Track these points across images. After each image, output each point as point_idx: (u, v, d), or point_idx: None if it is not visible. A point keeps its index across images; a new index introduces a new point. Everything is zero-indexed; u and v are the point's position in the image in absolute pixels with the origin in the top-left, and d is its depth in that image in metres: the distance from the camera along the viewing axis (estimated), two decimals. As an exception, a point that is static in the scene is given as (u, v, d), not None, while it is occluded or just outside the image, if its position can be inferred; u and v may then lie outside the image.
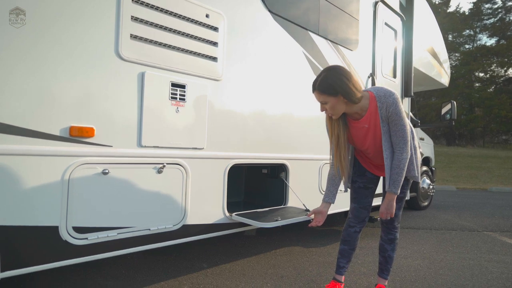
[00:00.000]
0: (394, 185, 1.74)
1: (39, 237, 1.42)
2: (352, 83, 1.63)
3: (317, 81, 1.66)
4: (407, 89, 3.94)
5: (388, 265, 2.02)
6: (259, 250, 2.96)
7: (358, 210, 1.99)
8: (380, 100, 1.68)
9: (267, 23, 2.39)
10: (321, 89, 1.64)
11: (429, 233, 3.83)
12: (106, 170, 1.59)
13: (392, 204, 1.78)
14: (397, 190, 1.75)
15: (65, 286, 2.10)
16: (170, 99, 1.83)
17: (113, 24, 1.63)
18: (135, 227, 1.71)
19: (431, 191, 5.46)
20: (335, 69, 1.67)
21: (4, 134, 1.33)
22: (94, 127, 1.56)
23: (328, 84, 1.62)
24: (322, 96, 1.66)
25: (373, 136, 1.77)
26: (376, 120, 1.72)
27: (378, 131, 1.74)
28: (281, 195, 2.56)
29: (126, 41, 1.66)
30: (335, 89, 1.62)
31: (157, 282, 2.20)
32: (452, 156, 15.80)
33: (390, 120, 1.69)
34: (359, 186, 2.00)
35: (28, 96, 1.39)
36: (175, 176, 1.86)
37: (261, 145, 2.37)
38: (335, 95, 1.63)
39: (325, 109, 1.71)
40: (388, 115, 1.68)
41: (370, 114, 1.72)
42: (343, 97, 1.63)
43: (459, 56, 25.89)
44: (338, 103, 1.65)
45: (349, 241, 2.01)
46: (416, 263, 2.75)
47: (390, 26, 3.70)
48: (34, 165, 1.40)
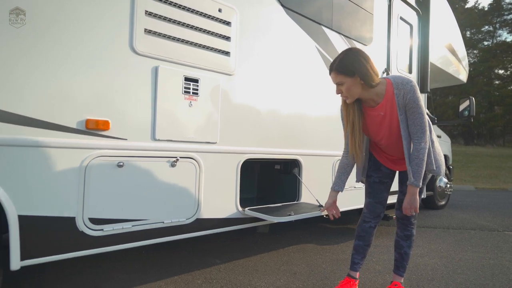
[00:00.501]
0: (415, 177, 1.68)
1: (57, 228, 1.46)
2: (369, 65, 1.61)
3: (335, 61, 1.65)
4: (423, 85, 3.85)
5: (404, 262, 1.96)
6: (271, 247, 2.95)
7: (373, 205, 1.96)
8: (398, 87, 1.64)
9: (280, 18, 2.38)
10: (339, 69, 1.62)
11: (446, 232, 3.73)
12: (121, 163, 1.62)
13: (416, 198, 1.72)
14: (419, 182, 1.68)
15: (79, 278, 2.14)
16: (184, 93, 1.84)
17: (128, 19, 1.65)
18: (149, 220, 1.73)
19: (448, 190, 5.32)
20: (353, 50, 1.67)
21: (24, 127, 1.37)
22: (110, 120, 1.59)
23: (345, 64, 1.61)
24: (339, 77, 1.63)
25: (389, 125, 1.73)
26: (392, 108, 1.68)
27: (394, 119, 1.70)
28: (294, 191, 2.54)
29: (140, 35, 1.68)
30: (352, 69, 1.60)
31: (170, 276, 2.21)
32: (471, 156, 15.36)
33: (407, 108, 1.65)
34: (374, 181, 1.96)
35: (47, 90, 1.42)
36: (188, 170, 1.88)
37: (274, 140, 2.35)
38: (352, 76, 1.61)
39: (340, 91, 1.68)
40: (405, 103, 1.64)
41: (387, 101, 1.68)
42: (360, 78, 1.60)
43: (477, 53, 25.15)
44: (354, 84, 1.63)
45: (364, 236, 1.98)
46: (433, 261, 2.68)
47: (405, 21, 3.62)
48: (52, 156, 1.44)
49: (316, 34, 2.63)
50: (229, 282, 2.15)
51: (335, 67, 1.64)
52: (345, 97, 1.70)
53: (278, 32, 2.36)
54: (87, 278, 2.15)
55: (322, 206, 2.33)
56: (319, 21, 2.64)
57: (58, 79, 1.45)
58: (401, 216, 1.93)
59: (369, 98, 1.70)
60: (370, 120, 1.76)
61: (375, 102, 1.70)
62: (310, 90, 2.60)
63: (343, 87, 1.65)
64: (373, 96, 1.69)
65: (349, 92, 1.65)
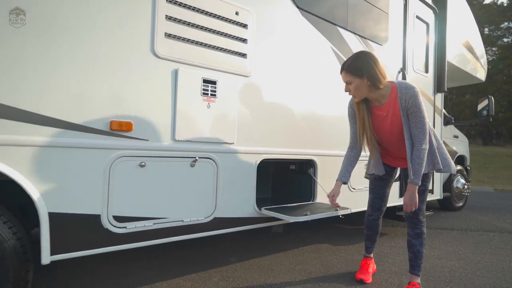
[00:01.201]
0: (415, 176, 1.81)
1: (83, 225, 1.52)
2: (378, 69, 1.76)
3: (347, 62, 1.82)
4: (440, 84, 3.79)
5: (418, 260, 2.00)
6: (286, 246, 2.97)
7: (373, 200, 2.22)
8: (401, 91, 1.79)
9: (295, 19, 2.40)
10: (349, 69, 1.78)
11: (464, 234, 3.66)
12: (143, 163, 1.67)
13: (415, 194, 1.83)
14: (418, 180, 1.81)
15: (100, 273, 2.22)
16: (202, 94, 1.89)
17: (149, 23, 1.70)
18: (169, 218, 1.79)
19: (466, 191, 5.21)
20: (364, 53, 1.83)
21: (53, 128, 1.44)
22: (132, 121, 1.64)
23: (356, 65, 1.77)
24: (349, 76, 1.80)
25: (390, 125, 1.88)
26: (395, 110, 1.83)
27: (396, 120, 1.85)
28: (309, 191, 2.55)
29: (161, 39, 1.73)
30: (361, 70, 1.75)
31: (188, 274, 2.27)
32: (489, 156, 14.94)
33: (409, 112, 1.79)
34: (374, 177, 2.18)
35: (73, 92, 1.49)
36: (207, 170, 1.92)
37: (290, 141, 2.38)
38: (360, 77, 1.77)
39: (349, 89, 1.84)
40: (407, 107, 1.78)
41: (390, 103, 1.83)
42: (368, 79, 1.76)
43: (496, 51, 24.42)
44: (362, 85, 1.78)
45: (370, 227, 2.28)
46: (451, 263, 2.64)
47: (422, 19, 3.58)
48: (79, 156, 1.50)
49: (331, 34, 2.64)
50: (245, 281, 2.18)
51: (346, 67, 1.81)
52: (353, 96, 1.87)
53: (293, 33, 2.39)
54: (108, 273, 2.22)
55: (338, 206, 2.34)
56: (334, 21, 2.65)
57: (84, 81, 1.52)
58: (409, 215, 2.00)
59: (374, 99, 1.86)
60: (375, 118, 1.93)
61: (379, 102, 1.87)
62: (325, 90, 2.61)
63: (352, 86, 1.81)
64: (379, 97, 1.85)
65: (356, 91, 1.82)
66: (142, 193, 1.68)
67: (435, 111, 3.75)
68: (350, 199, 2.74)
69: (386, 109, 1.85)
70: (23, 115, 1.37)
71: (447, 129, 4.85)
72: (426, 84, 3.65)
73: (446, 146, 4.67)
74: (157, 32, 1.72)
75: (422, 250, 1.99)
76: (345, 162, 2.08)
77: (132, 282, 2.10)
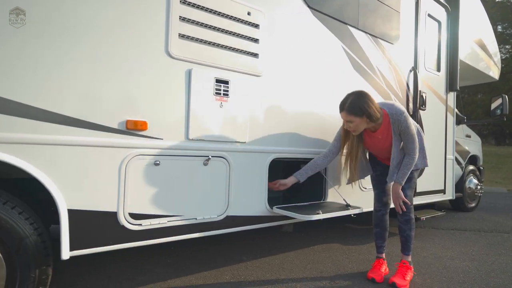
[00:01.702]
0: (402, 178, 2.12)
1: (101, 221, 1.56)
2: (374, 106, 1.97)
3: (346, 103, 2.00)
4: (452, 82, 3.75)
5: (409, 243, 2.24)
6: (297, 246, 2.97)
7: (379, 195, 2.35)
8: (393, 117, 2.03)
9: (306, 19, 2.40)
10: (350, 111, 1.97)
11: (477, 235, 3.61)
12: (157, 162, 1.71)
13: (400, 192, 2.13)
14: (403, 181, 2.12)
15: (116, 270, 2.26)
16: (215, 94, 1.91)
17: (163, 25, 1.74)
18: (183, 216, 1.81)
19: (478, 192, 5.12)
20: (361, 94, 2.00)
21: (72, 127, 1.48)
22: (147, 121, 1.68)
23: (355, 107, 1.95)
24: (349, 116, 1.99)
25: (383, 143, 2.16)
26: (388, 132, 2.10)
27: (389, 139, 2.12)
28: (320, 190, 2.55)
29: (175, 40, 1.76)
30: (362, 111, 1.95)
31: (200, 271, 2.30)
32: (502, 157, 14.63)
33: (402, 134, 2.06)
34: (376, 174, 2.37)
35: (91, 92, 1.53)
36: (219, 169, 1.94)
37: (301, 140, 2.38)
38: (360, 116, 1.97)
39: (349, 127, 2.06)
40: (400, 130, 2.05)
41: (384, 127, 2.09)
42: (367, 117, 1.97)
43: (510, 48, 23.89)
44: (361, 122, 2.01)
45: (378, 223, 2.36)
46: (464, 264, 2.61)
47: (433, 18, 3.54)
48: (96, 155, 1.54)
49: (342, 34, 2.64)
50: (256, 279, 2.20)
51: (346, 109, 1.99)
52: (353, 131, 2.10)
53: (304, 33, 2.39)
54: (123, 270, 2.27)
55: (349, 205, 2.34)
56: (345, 20, 2.64)
57: (101, 82, 1.56)
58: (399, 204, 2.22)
59: (370, 127, 2.10)
60: (369, 139, 2.19)
61: (374, 128, 2.12)
62: (336, 90, 2.61)
63: (352, 124, 2.02)
64: (374, 125, 2.09)
65: (356, 128, 2.05)
66: (157, 191, 1.72)
67: (447, 110, 3.71)
68: (361, 198, 2.73)
69: (381, 133, 2.10)
70: (43, 114, 1.41)
71: (459, 128, 4.78)
72: (438, 83, 3.61)
73: (458, 146, 4.61)
74: (171, 33, 1.75)
75: (411, 234, 2.22)
76: (311, 166, 2.26)
77: (146, 279, 2.14)
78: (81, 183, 1.51)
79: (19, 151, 1.36)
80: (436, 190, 3.51)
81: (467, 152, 4.99)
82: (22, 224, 1.38)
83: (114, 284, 2.05)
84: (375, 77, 2.91)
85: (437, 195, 3.54)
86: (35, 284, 1.41)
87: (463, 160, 4.85)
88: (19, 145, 1.36)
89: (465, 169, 4.88)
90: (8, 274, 1.36)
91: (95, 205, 1.54)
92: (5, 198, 1.37)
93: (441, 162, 3.58)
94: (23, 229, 1.37)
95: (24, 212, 1.40)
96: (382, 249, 2.36)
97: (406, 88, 3.21)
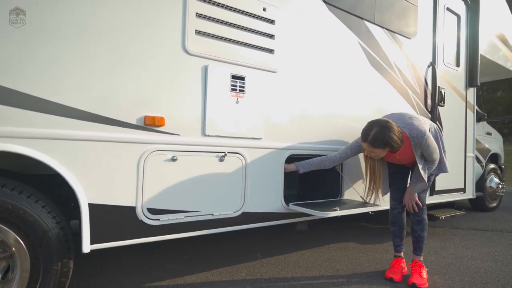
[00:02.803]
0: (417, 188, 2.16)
1: (120, 216, 1.58)
2: (396, 136, 1.95)
3: (369, 135, 1.98)
4: (472, 78, 3.63)
5: (420, 243, 2.23)
6: (312, 244, 2.95)
7: (394, 192, 2.33)
8: (413, 140, 2.02)
9: (322, 14, 2.38)
10: (373, 143, 1.97)
11: (499, 235, 3.49)
12: (175, 157, 1.72)
13: (413, 195, 2.18)
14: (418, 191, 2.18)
15: (133, 265, 2.29)
16: (231, 90, 1.91)
17: (180, 21, 1.75)
18: (200, 212, 1.82)
19: (500, 191, 4.96)
20: (385, 126, 1.96)
21: (92, 123, 1.50)
22: (165, 117, 1.69)
23: (378, 140, 1.95)
24: (372, 148, 1.99)
25: (404, 158, 2.17)
26: (408, 151, 2.09)
27: (409, 154, 2.11)
28: (336, 187, 2.52)
29: (191, 36, 1.77)
30: (384, 144, 1.95)
31: (215, 268, 2.30)
32: (524, 156, 14.09)
33: (423, 151, 2.07)
34: (392, 171, 2.34)
35: (110, 88, 1.55)
36: (235, 165, 1.94)
37: (317, 136, 2.36)
38: (383, 148, 1.97)
39: (370, 153, 2.06)
40: (421, 149, 2.06)
41: (404, 148, 2.07)
42: (389, 148, 1.98)
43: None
44: (383, 152, 2.02)
45: (395, 222, 2.32)
46: (487, 265, 2.53)
47: (452, 11, 3.44)
48: (116, 150, 1.56)
49: (358, 29, 2.60)
50: (272, 276, 2.19)
51: (369, 141, 1.97)
52: (373, 157, 2.13)
53: (320, 28, 2.36)
54: (140, 265, 2.30)
55: (367, 202, 2.30)
56: (361, 15, 2.60)
57: (119, 79, 1.58)
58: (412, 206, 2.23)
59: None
60: (388, 157, 2.20)
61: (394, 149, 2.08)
62: (352, 86, 2.57)
63: (374, 153, 2.04)
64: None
65: (378, 156, 2.08)
66: (174, 186, 1.73)
67: (467, 106, 3.60)
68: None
69: (400, 153, 2.09)
70: (65, 110, 1.44)
71: (480, 125, 4.64)
72: (457, 78, 3.51)
73: (478, 144, 4.47)
74: (188, 29, 1.75)
75: (423, 235, 2.22)
76: (316, 163, 2.26)
77: (161, 275, 2.16)
78: (100, 178, 1.53)
79: (41, 146, 1.39)
80: (456, 189, 3.41)
81: (488, 150, 4.83)
82: (45, 218, 1.41)
83: (129, 279, 2.08)
84: (392, 73, 2.85)
85: (457, 194, 3.44)
86: (58, 276, 1.44)
87: (484, 158, 4.70)
88: (42, 140, 1.39)
89: (485, 168, 4.73)
90: (32, 266, 1.39)
91: (114, 199, 1.57)
92: (28, 192, 1.41)
93: (461, 160, 3.48)
94: (46, 223, 1.41)
95: (47, 206, 1.44)
96: (400, 248, 2.32)
97: (424, 84, 3.13)
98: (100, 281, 2.04)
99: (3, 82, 1.33)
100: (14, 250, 1.36)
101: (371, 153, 2.05)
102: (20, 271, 1.37)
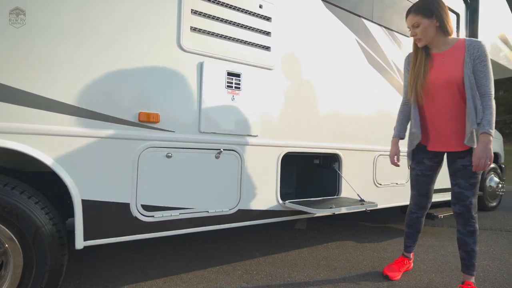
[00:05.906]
0: (489, 125, 1.68)
1: (114, 212, 1.58)
2: (446, 12, 1.74)
3: (414, 5, 1.79)
4: (472, 77, 3.61)
5: (473, 259, 1.86)
6: (310, 243, 2.94)
7: (417, 198, 2.08)
8: (470, 42, 1.73)
9: (319, 11, 2.37)
10: (418, 10, 1.75)
11: (499, 234, 3.47)
12: (169, 154, 1.71)
13: (490, 147, 1.67)
14: (492, 129, 1.68)
15: (129, 263, 2.29)
16: (226, 87, 1.91)
17: (175, 18, 1.74)
18: (195, 209, 1.82)
19: (500, 191, 4.94)
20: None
21: (86, 119, 1.50)
22: (159, 113, 1.69)
23: (424, 5, 1.74)
24: (417, 18, 1.76)
25: (447, 75, 1.77)
26: (457, 58, 1.75)
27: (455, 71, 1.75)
28: (333, 185, 2.51)
29: (187, 33, 1.76)
30: (431, 10, 1.72)
31: (212, 266, 2.29)
32: (525, 156, 14.05)
33: (477, 61, 1.70)
34: (417, 174, 2.05)
35: (104, 84, 1.55)
36: (231, 162, 1.94)
37: (314, 134, 2.35)
38: (429, 17, 1.73)
39: (415, 33, 1.80)
40: (476, 56, 1.70)
41: (453, 50, 1.77)
42: (437, 19, 1.73)
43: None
44: (430, 26, 1.75)
45: (412, 225, 2.16)
46: (485, 263, 2.51)
47: (451, 10, 3.43)
48: (110, 146, 1.56)
49: (356, 27, 2.59)
50: (268, 274, 2.18)
51: (414, 9, 1.77)
52: (419, 39, 1.81)
53: (317, 26, 2.36)
54: (136, 263, 2.29)
55: (363, 200, 2.29)
56: (359, 13, 2.59)
57: (114, 75, 1.58)
58: (460, 210, 1.85)
59: (436, 45, 1.81)
60: (431, 65, 1.84)
61: (440, 49, 1.82)
62: (350, 84, 2.56)
63: (419, 29, 1.77)
64: (442, 44, 1.80)
65: (423, 34, 1.77)
66: (169, 183, 1.72)
67: (466, 105, 3.58)
68: (376, 194, 2.67)
69: (447, 55, 1.78)
70: (58, 106, 1.44)
71: (479, 125, 4.62)
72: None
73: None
74: (183, 26, 1.75)
75: (476, 249, 1.85)
76: (400, 118, 2.07)
77: (158, 273, 2.15)
78: (94, 174, 1.53)
79: (34, 141, 1.39)
80: (454, 188, 3.39)
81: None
82: (39, 214, 1.40)
83: (126, 277, 2.07)
84: (390, 71, 2.84)
85: (455, 193, 3.42)
86: (51, 273, 1.44)
87: (484, 158, 4.68)
88: (34, 135, 1.39)
89: (485, 167, 4.70)
90: (25, 262, 1.39)
91: (108, 196, 1.56)
92: (21, 188, 1.40)
93: (460, 158, 3.46)
94: (39, 219, 1.40)
95: (40, 202, 1.43)
96: (411, 249, 2.22)
97: (423, 82, 3.12)
98: (96, 279, 2.03)
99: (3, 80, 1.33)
100: (7, 247, 1.35)
101: (415, 32, 1.78)
102: (13, 267, 1.36)
